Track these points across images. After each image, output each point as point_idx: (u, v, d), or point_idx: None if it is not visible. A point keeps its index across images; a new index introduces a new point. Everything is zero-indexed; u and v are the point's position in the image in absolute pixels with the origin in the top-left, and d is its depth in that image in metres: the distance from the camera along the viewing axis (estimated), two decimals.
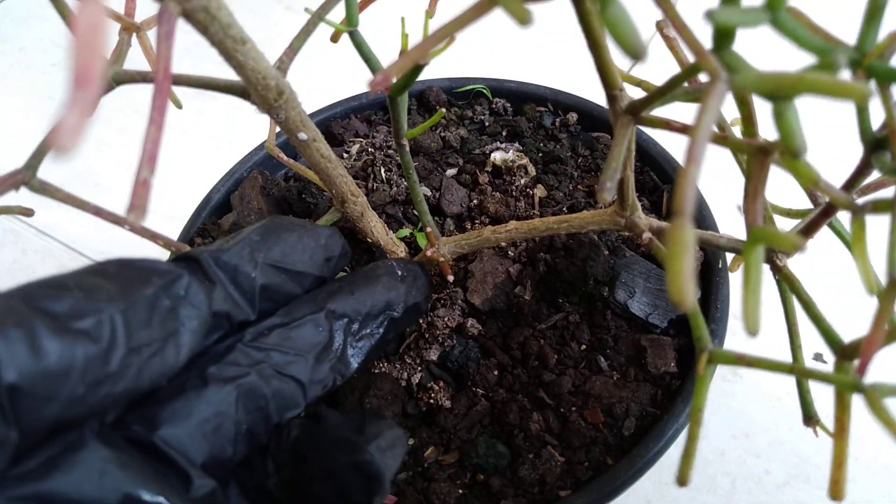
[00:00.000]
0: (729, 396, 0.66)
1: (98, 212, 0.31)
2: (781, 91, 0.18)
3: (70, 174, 0.75)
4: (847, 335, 0.27)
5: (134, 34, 0.36)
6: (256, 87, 0.28)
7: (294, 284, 0.27)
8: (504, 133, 0.51)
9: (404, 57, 0.21)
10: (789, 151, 0.20)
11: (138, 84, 0.31)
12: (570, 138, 0.50)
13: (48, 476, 0.19)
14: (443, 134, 0.51)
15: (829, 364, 0.62)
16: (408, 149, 0.34)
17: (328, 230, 0.29)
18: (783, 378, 0.67)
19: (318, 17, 0.30)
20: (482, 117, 0.52)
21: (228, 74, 0.30)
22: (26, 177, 0.26)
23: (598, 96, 0.52)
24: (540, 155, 0.49)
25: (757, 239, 0.21)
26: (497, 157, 0.47)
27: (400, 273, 0.32)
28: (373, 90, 0.20)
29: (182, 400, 0.23)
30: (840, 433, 0.25)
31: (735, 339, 0.47)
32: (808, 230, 0.32)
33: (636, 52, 0.16)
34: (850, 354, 0.25)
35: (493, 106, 0.53)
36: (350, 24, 0.31)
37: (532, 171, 0.47)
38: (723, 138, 0.24)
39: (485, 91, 0.53)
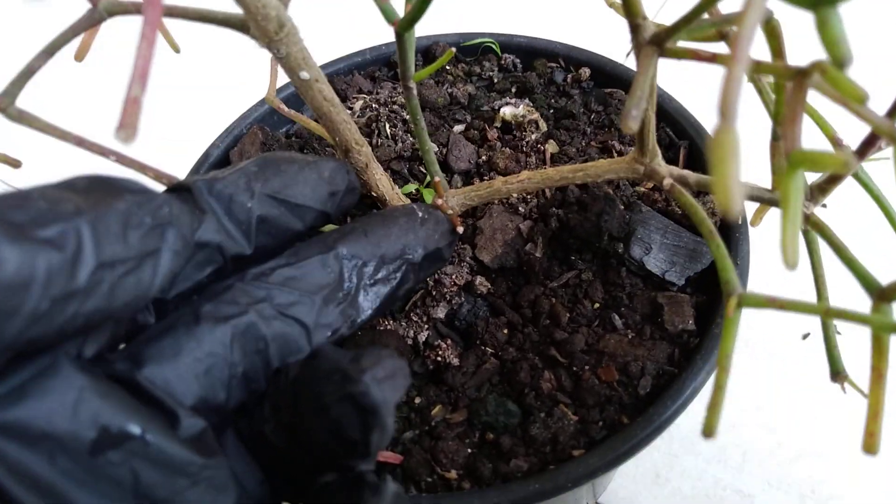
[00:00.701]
0: (740, 369, 0.64)
1: (81, 142, 0.29)
2: None
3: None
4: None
5: None
6: (256, 16, 0.27)
7: (294, 218, 0.26)
8: (513, 89, 0.49)
9: None
10: (836, 61, 0.18)
11: (132, 15, 0.29)
12: (582, 94, 0.48)
13: (14, 403, 0.17)
14: (450, 90, 0.49)
15: (842, 334, 0.60)
16: (415, 92, 0.32)
17: (333, 163, 0.27)
18: (797, 349, 0.66)
19: None
20: (491, 73, 0.51)
21: (228, 8, 0.28)
22: (3, 103, 0.24)
23: (611, 51, 0.50)
24: (551, 111, 0.47)
25: (797, 163, 0.19)
26: (507, 111, 0.45)
27: (420, 215, 0.30)
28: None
29: (170, 338, 0.22)
30: (877, 380, 0.23)
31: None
32: (833, 179, 0.30)
33: None
34: (888, 297, 0.23)
35: (503, 62, 0.51)
36: None
37: (543, 126, 0.45)
38: (759, 65, 0.23)
39: (494, 46, 0.51)
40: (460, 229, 0.37)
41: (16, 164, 0.33)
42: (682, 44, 0.26)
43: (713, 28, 0.27)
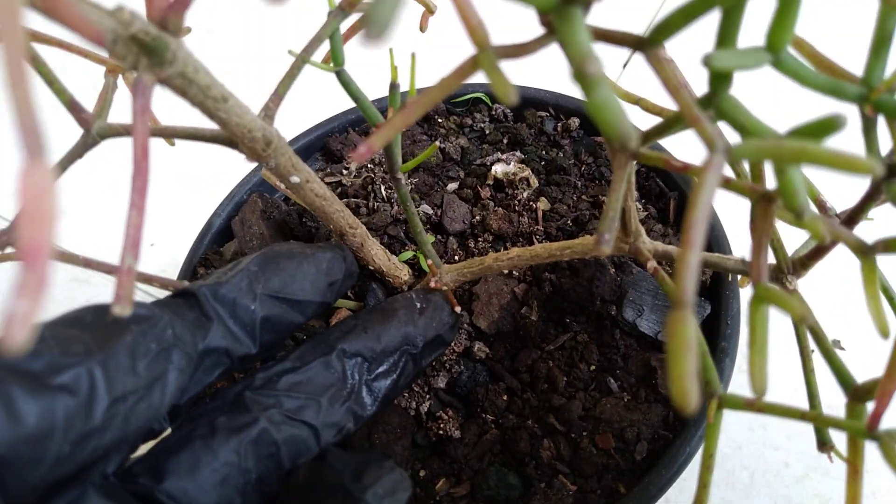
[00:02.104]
0: (745, 389, 0.65)
1: (88, 263, 0.30)
2: (782, 161, 0.17)
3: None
4: (863, 353, 0.26)
5: (120, 75, 0.35)
6: (243, 139, 0.28)
7: (296, 313, 0.27)
8: (505, 141, 0.50)
9: (386, 126, 0.21)
10: (793, 211, 0.19)
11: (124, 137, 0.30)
12: (572, 144, 0.49)
13: None
14: (442, 145, 0.50)
15: (846, 350, 0.61)
16: (404, 182, 0.33)
17: (329, 254, 0.29)
18: (798, 369, 0.67)
19: (301, 60, 0.30)
20: (482, 125, 0.51)
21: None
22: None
23: None
24: (542, 164, 0.48)
25: (762, 299, 0.20)
26: (498, 170, 0.46)
27: (419, 305, 0.31)
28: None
29: (188, 450, 0.23)
30: (853, 475, 0.24)
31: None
32: (816, 253, 0.31)
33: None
34: (862, 396, 0.24)
35: (493, 112, 0.52)
36: (336, 64, 0.30)
37: (534, 182, 0.46)
38: (726, 182, 0.23)
39: (484, 98, 0.52)
40: (458, 309, 0.38)
41: None
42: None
43: (686, 128, 0.27)
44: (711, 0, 0.17)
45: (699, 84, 0.21)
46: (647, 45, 0.19)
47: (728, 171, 0.34)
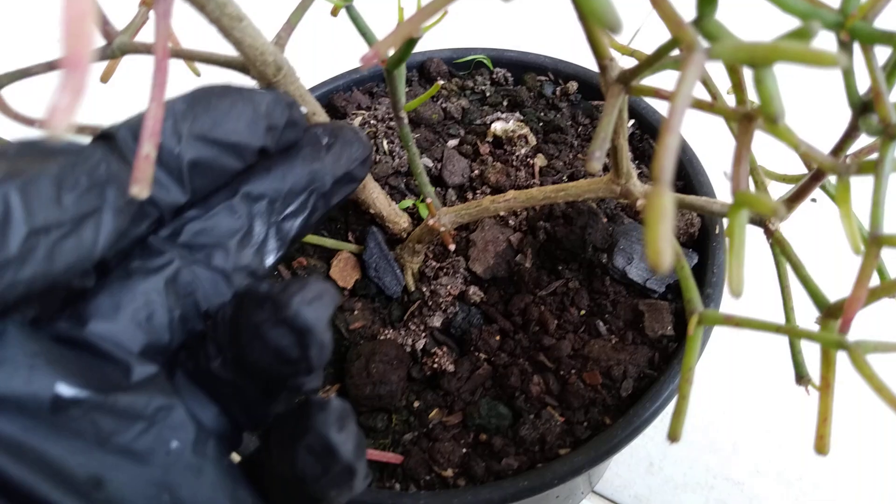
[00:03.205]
0: (730, 363, 0.67)
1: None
2: (757, 60, 0.19)
3: None
4: (841, 294, 0.28)
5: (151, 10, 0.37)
6: (255, 62, 0.29)
7: (231, 158, 0.25)
8: (505, 103, 0.52)
9: (396, 30, 0.22)
10: (769, 117, 0.20)
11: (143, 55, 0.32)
12: (570, 107, 0.51)
13: None
14: (444, 105, 0.51)
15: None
16: (406, 121, 0.35)
17: (270, 95, 0.26)
18: (783, 340, 0.68)
19: None
20: (483, 87, 0.53)
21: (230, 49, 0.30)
22: None
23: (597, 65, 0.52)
24: (541, 125, 0.49)
25: (741, 204, 0.22)
26: (498, 127, 0.47)
27: (326, 140, 0.28)
28: (365, 65, 0.21)
29: (107, 294, 0.22)
30: (825, 389, 0.26)
31: (735, 303, 0.47)
32: (798, 195, 0.32)
33: (612, 26, 0.17)
34: (834, 313, 0.26)
35: (494, 76, 0.54)
36: None
37: (532, 140, 0.47)
38: (708, 105, 0.25)
39: (485, 61, 0.54)
40: (452, 247, 0.39)
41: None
42: (649, 80, 0.29)
43: (676, 67, 0.29)
44: None
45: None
46: None
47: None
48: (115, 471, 0.20)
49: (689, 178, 0.44)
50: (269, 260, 0.27)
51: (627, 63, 0.30)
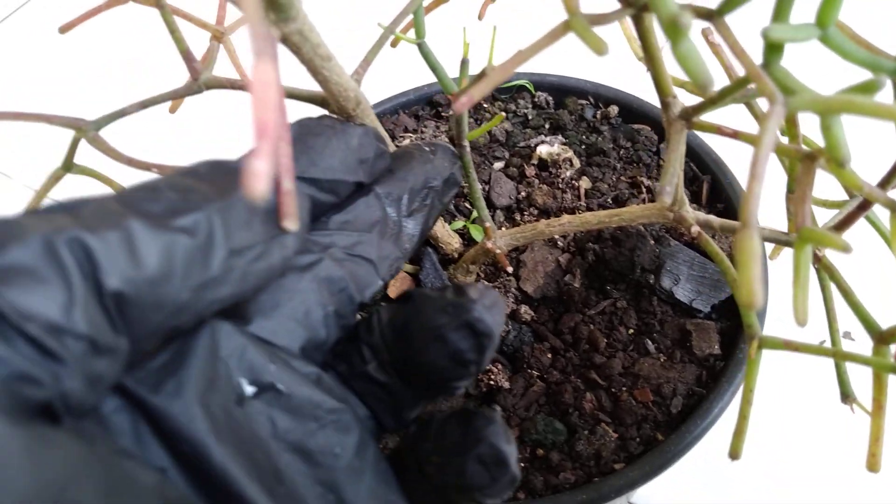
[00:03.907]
0: (776, 356, 0.68)
1: (149, 167, 0.33)
2: (831, 112, 0.20)
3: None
4: (883, 321, 0.29)
5: (221, 44, 0.39)
6: (338, 98, 0.31)
7: (326, 194, 0.26)
8: (547, 126, 0.54)
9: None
10: (835, 161, 0.22)
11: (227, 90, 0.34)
12: (611, 130, 0.52)
13: (177, 366, 0.19)
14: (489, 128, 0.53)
15: (856, 341, 0.64)
16: (468, 150, 0.37)
17: (360, 129, 0.27)
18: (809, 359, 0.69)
19: (389, 30, 0.33)
20: (525, 111, 0.55)
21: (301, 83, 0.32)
22: (87, 127, 0.28)
23: (637, 89, 0.54)
24: (583, 147, 0.51)
25: (806, 239, 0.24)
26: (543, 150, 0.49)
27: (428, 149, 0.31)
28: (459, 109, 0.23)
29: (264, 294, 0.23)
30: (878, 411, 0.28)
31: (778, 324, 0.49)
32: (844, 223, 0.34)
33: (705, 84, 0.19)
34: (887, 339, 0.28)
35: (536, 99, 0.55)
36: (418, 37, 0.33)
37: (577, 163, 0.49)
38: (777, 147, 0.27)
39: (527, 85, 0.56)
40: (510, 269, 0.41)
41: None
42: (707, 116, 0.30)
43: (736, 102, 0.31)
44: None
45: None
46: (717, 15, 0.22)
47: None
48: (290, 468, 0.21)
49: (730, 201, 0.46)
50: (406, 251, 0.28)
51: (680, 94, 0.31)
